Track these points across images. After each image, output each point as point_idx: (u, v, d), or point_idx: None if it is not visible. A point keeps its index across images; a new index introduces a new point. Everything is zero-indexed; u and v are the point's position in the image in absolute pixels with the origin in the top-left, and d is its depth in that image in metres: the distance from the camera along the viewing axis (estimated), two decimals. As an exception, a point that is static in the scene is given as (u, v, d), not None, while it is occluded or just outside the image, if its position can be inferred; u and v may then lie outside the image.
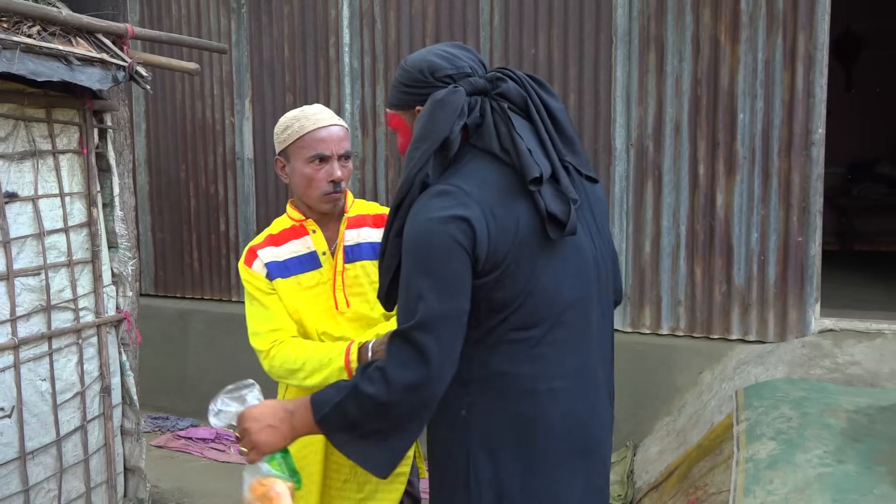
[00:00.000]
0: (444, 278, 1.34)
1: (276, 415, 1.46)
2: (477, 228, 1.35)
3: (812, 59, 3.37)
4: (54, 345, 2.49)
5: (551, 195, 1.39)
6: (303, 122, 1.85)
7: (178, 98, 4.93)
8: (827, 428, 2.69)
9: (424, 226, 1.36)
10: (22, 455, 2.37)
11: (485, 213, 1.36)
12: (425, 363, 1.32)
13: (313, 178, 1.84)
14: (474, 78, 1.48)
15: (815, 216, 3.43)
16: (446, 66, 1.48)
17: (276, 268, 1.89)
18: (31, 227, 2.43)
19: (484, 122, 1.44)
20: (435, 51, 1.51)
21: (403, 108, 1.53)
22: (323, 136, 1.84)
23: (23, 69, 2.19)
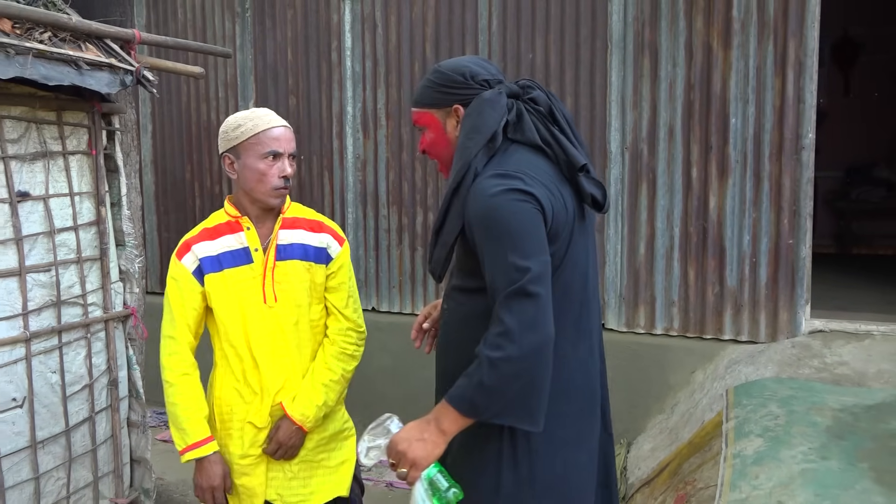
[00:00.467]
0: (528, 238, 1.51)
1: (420, 429, 1.56)
2: (544, 204, 1.55)
3: (802, 66, 3.44)
4: (64, 338, 2.58)
5: (589, 181, 1.67)
6: (256, 121, 1.99)
7: (184, 100, 5.03)
8: (813, 426, 2.76)
9: (496, 200, 1.54)
10: (33, 444, 2.46)
11: (546, 193, 1.57)
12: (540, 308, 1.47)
13: (266, 174, 1.98)
14: (509, 84, 1.73)
15: (806, 219, 3.51)
16: (483, 73, 1.71)
17: (209, 262, 2.03)
18: (43, 225, 2.52)
19: (522, 120, 1.67)
20: (470, 59, 1.76)
21: (438, 106, 1.73)
22: (276, 134, 1.99)
23: (35, 74, 2.28)
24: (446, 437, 1.55)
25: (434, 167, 4.28)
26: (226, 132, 2.02)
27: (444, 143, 1.75)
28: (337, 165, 4.57)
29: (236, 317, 2.03)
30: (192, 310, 2.05)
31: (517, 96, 1.70)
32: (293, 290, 2.06)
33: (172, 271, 2.06)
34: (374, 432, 1.64)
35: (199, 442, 2.03)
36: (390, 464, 1.60)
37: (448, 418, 1.54)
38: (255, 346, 2.04)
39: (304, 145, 4.65)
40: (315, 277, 2.10)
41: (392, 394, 4.28)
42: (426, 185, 4.33)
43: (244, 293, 2.03)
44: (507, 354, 1.46)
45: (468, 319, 1.68)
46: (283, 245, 2.06)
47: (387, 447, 1.59)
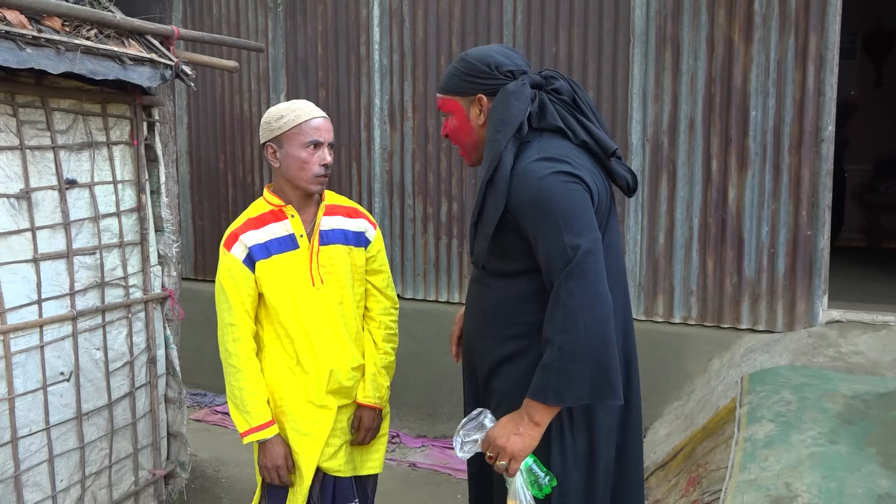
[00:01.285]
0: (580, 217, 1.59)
1: (515, 423, 1.64)
2: (590, 186, 1.64)
3: (823, 59, 3.48)
4: (107, 318, 2.75)
5: (620, 166, 1.76)
6: (298, 112, 2.10)
7: (218, 93, 5.20)
8: (824, 412, 2.82)
9: (546, 182, 1.61)
10: (78, 415, 2.63)
11: (589, 175, 1.66)
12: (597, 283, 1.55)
13: (308, 161, 2.10)
14: (532, 74, 1.77)
15: (824, 211, 3.55)
16: (507, 63, 1.76)
17: (259, 250, 2.12)
18: (88, 210, 2.68)
19: (545, 109, 1.72)
20: (495, 49, 1.80)
21: (462, 94, 1.80)
22: (317, 125, 2.12)
23: (83, 69, 2.44)
24: (540, 429, 1.63)
25: (458, 157, 4.39)
26: (268, 122, 2.11)
27: (466, 130, 1.82)
28: (364, 156, 4.70)
29: (287, 300, 2.12)
30: (247, 296, 2.12)
31: (540, 87, 1.75)
32: (337, 272, 2.18)
33: (224, 262, 2.13)
34: (468, 427, 1.71)
35: (263, 424, 2.11)
36: (488, 457, 1.68)
37: (538, 411, 1.61)
38: (307, 325, 2.14)
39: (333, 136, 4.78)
40: (355, 260, 2.23)
41: (416, 379, 4.42)
42: (451, 176, 4.44)
43: (293, 277, 2.13)
44: (576, 335, 1.53)
45: (506, 302, 1.75)
46: (325, 231, 2.18)
47: (483, 441, 1.67)
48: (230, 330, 2.13)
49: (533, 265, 1.67)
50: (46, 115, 2.51)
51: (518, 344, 1.74)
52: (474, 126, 1.80)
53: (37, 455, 2.49)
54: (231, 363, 2.12)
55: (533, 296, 1.69)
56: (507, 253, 1.73)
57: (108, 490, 2.77)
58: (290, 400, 2.18)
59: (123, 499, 2.83)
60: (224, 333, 2.14)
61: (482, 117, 1.78)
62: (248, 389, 2.11)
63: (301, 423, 2.18)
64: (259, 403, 2.12)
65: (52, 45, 2.36)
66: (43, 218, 2.50)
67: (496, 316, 1.78)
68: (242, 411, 2.11)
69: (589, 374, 1.55)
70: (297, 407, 2.17)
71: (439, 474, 3.83)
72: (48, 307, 2.52)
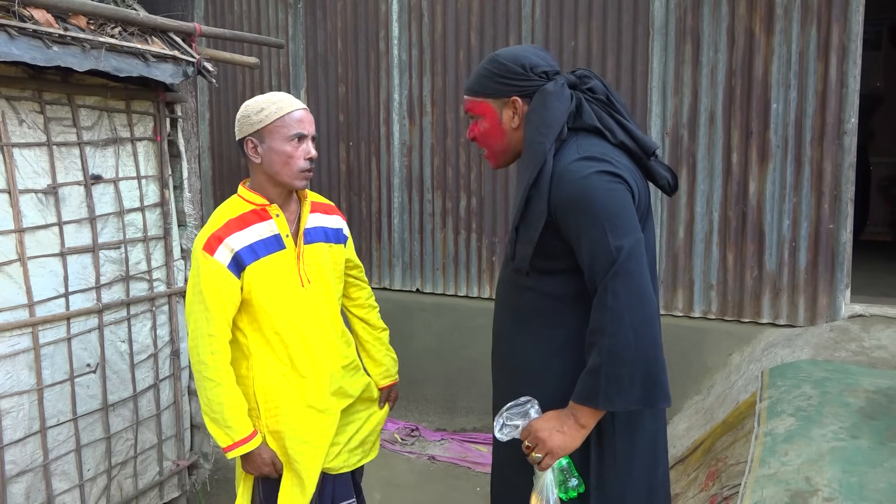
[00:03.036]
0: (623, 217, 1.56)
1: (560, 421, 1.61)
2: (631, 186, 1.61)
3: (846, 50, 3.44)
4: (132, 311, 2.80)
5: (660, 166, 1.73)
6: (279, 104, 1.96)
7: (239, 89, 5.25)
8: (845, 406, 2.80)
9: (589, 182, 1.57)
10: (105, 406, 2.69)
11: (630, 176, 1.63)
12: (641, 284, 1.52)
13: (292, 156, 1.96)
14: (567, 75, 1.72)
15: (847, 204, 3.51)
16: (542, 64, 1.71)
17: (246, 253, 1.96)
18: (113, 205, 2.73)
19: (582, 109, 1.68)
20: (528, 49, 1.74)
21: (495, 96, 1.73)
22: (300, 116, 1.98)
23: (108, 66, 2.48)
24: (585, 432, 1.60)
25: (477, 152, 4.40)
26: (247, 116, 1.98)
27: (498, 133, 1.75)
28: (384, 151, 4.72)
29: (279, 303, 2.01)
30: (230, 304, 1.96)
31: (575, 86, 1.71)
32: (321, 271, 2.12)
33: (206, 268, 1.94)
34: (512, 412, 1.69)
35: (246, 438, 1.98)
36: (525, 446, 1.66)
37: (584, 414, 1.58)
38: (300, 328, 2.04)
39: (352, 131, 4.82)
40: (335, 257, 2.18)
41: (435, 372, 4.44)
42: (469, 171, 4.45)
43: (282, 279, 2.02)
44: (624, 338, 1.49)
45: (543, 303, 1.70)
46: (308, 229, 2.10)
47: (525, 429, 1.65)
48: (209, 341, 1.95)
49: (570, 265, 1.63)
50: (72, 111, 2.57)
51: (551, 346, 1.70)
52: (507, 129, 1.74)
53: (65, 445, 2.55)
54: (208, 376, 1.94)
55: (569, 296, 1.66)
56: (543, 252, 1.68)
57: (134, 480, 2.83)
58: (287, 407, 2.06)
59: (148, 488, 2.89)
60: (199, 345, 1.95)
61: (516, 120, 1.72)
62: (229, 404, 1.95)
63: (301, 430, 2.06)
64: (241, 417, 1.98)
65: (77, 43, 2.41)
66: (70, 213, 2.56)
67: (530, 315, 1.74)
68: (223, 426, 1.96)
69: (640, 377, 1.52)
70: (295, 414, 2.06)
71: (458, 468, 3.85)
72: (75, 300, 2.57)
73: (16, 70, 2.36)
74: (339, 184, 4.91)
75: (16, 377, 2.38)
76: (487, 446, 4.02)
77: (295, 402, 2.06)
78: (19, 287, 2.39)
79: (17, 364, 2.38)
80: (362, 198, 4.82)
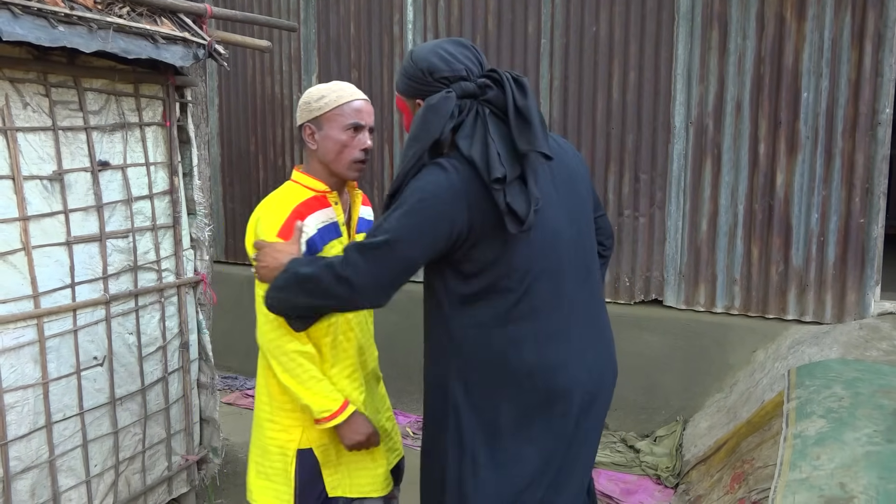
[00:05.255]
0: (409, 219, 1.62)
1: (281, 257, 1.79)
2: (449, 209, 1.59)
3: (882, 38, 3.30)
4: (140, 302, 2.71)
5: (517, 193, 1.57)
6: (339, 92, 1.96)
7: (249, 74, 5.14)
8: (879, 408, 2.69)
9: (411, 186, 1.62)
10: (112, 400, 2.60)
11: (460, 205, 1.59)
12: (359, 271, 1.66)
13: (347, 145, 1.95)
14: (466, 83, 1.64)
15: (879, 198, 3.39)
16: (444, 69, 1.65)
17: (316, 240, 1.96)
18: (121, 193, 2.64)
19: (464, 125, 1.61)
20: (438, 50, 1.68)
21: (406, 95, 1.75)
22: (358, 106, 1.97)
23: (115, 48, 2.38)
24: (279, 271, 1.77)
25: (493, 141, 4.29)
26: (308, 103, 1.98)
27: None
28: (397, 138, 4.61)
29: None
30: None
31: (474, 96, 1.63)
32: None
33: None
34: None
35: (342, 406, 1.93)
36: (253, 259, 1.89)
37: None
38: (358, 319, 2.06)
39: (365, 119, 4.71)
40: None
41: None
42: (485, 159, 4.34)
43: None
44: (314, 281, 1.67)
45: None
46: (361, 218, 2.13)
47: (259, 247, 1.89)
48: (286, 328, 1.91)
49: None
50: (79, 95, 2.47)
51: None
52: None
53: (71, 440, 2.47)
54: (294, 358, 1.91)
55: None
56: None
57: (142, 475, 2.75)
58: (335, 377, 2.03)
59: (156, 484, 2.82)
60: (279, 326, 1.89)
61: None
62: (319, 376, 1.93)
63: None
64: (329, 387, 1.94)
65: (84, 23, 2.31)
66: (76, 200, 2.46)
67: None
68: (321, 396, 1.91)
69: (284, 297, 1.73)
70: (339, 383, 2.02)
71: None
72: (81, 291, 2.48)
73: (20, 51, 2.26)
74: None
75: (20, 371, 2.30)
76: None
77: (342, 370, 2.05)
78: (24, 277, 2.30)
79: (21, 357, 2.30)
80: (374, 186, 4.71)
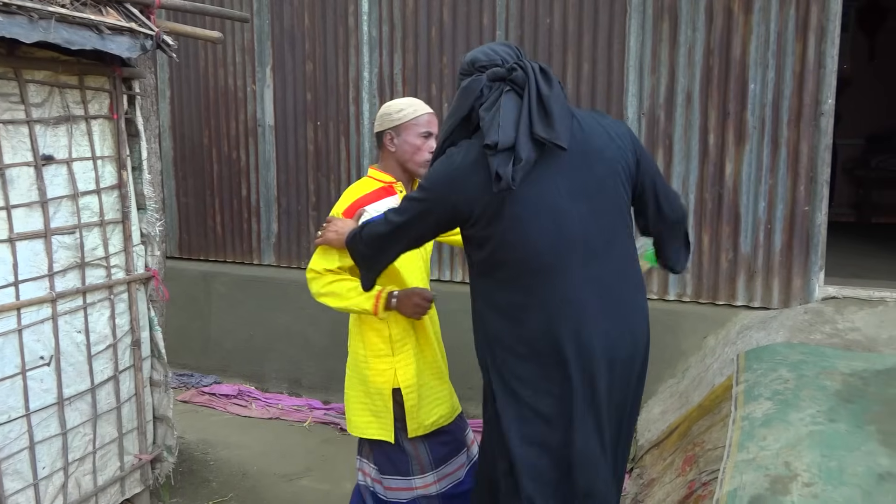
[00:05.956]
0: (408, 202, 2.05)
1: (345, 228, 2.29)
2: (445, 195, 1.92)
3: (824, 30, 3.40)
4: (88, 299, 2.66)
5: (502, 160, 1.79)
6: (416, 107, 2.48)
7: (202, 65, 5.05)
8: (822, 389, 2.78)
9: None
10: (60, 401, 2.55)
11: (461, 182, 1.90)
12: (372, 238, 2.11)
13: (420, 148, 2.46)
14: (497, 68, 1.92)
15: (822, 186, 3.49)
16: (483, 59, 1.96)
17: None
18: (67, 188, 2.57)
19: (487, 101, 1.88)
20: (484, 48, 2.01)
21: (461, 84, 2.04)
22: (429, 119, 2.49)
23: (58, 38, 2.32)
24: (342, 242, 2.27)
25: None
26: (389, 114, 2.48)
27: None
28: (353, 131, 4.59)
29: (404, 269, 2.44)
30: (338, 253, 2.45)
31: (503, 79, 1.89)
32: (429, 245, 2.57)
33: None
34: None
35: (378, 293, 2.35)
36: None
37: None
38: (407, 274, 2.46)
39: (320, 111, 4.67)
40: None
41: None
42: (442, 151, 4.34)
43: None
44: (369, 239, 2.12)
45: None
46: None
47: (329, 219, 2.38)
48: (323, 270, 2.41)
49: None
50: (20, 87, 2.40)
51: None
52: None
53: (17, 442, 2.41)
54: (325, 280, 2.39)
55: None
56: None
57: (93, 476, 2.70)
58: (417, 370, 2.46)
59: (108, 484, 2.77)
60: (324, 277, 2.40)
61: None
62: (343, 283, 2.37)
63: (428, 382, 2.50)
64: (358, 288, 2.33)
65: (24, 12, 2.24)
66: (18, 196, 2.40)
67: None
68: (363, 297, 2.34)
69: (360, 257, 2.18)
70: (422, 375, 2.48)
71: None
72: (26, 289, 2.42)
73: (-45, 41, 2.19)
74: (307, 164, 4.76)
75: (-38, 371, 2.23)
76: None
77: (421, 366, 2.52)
78: (-36, 275, 2.23)
79: (-37, 357, 2.24)
80: (331, 179, 4.68)
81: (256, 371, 4.90)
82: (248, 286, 4.93)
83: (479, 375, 2.11)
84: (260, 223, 4.98)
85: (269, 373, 4.87)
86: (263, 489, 3.44)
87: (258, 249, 5.00)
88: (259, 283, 4.90)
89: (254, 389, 4.79)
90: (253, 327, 4.91)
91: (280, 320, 4.81)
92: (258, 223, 4.98)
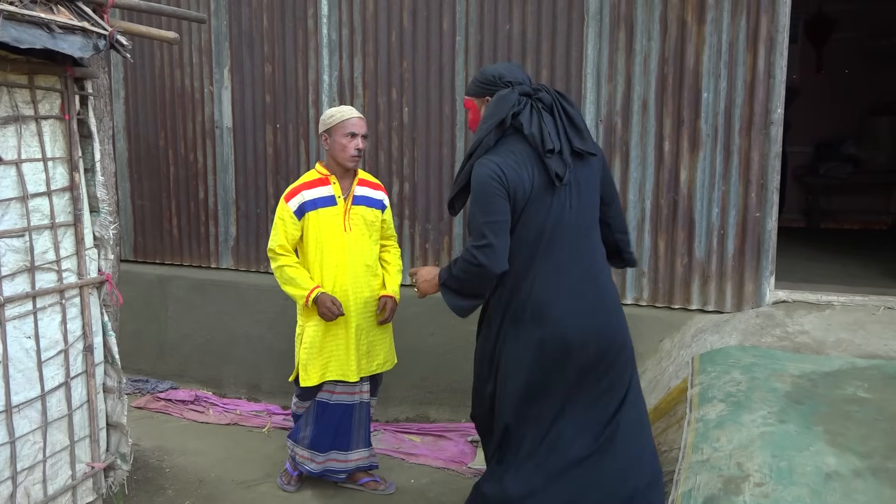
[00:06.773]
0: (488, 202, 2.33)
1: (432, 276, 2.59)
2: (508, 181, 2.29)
3: (774, 42, 3.50)
4: (38, 304, 2.58)
5: (557, 162, 2.31)
6: (344, 112, 3.16)
7: (157, 66, 4.96)
8: (773, 391, 2.86)
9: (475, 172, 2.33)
10: (8, 408, 2.47)
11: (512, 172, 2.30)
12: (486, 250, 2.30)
13: (346, 146, 3.15)
14: (523, 86, 2.40)
15: (773, 193, 3.59)
16: (508, 76, 2.42)
17: (309, 204, 3.18)
18: (15, 190, 2.50)
19: (523, 112, 2.33)
20: (505, 65, 2.49)
21: (477, 96, 2.50)
22: (355, 121, 3.16)
23: (6, 36, 2.25)
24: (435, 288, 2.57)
25: (410, 137, 4.31)
26: (324, 119, 3.19)
27: (478, 121, 2.49)
28: (312, 134, 4.56)
29: (326, 239, 3.18)
30: (292, 234, 3.20)
31: (529, 95, 2.37)
32: (359, 224, 3.24)
33: (281, 209, 3.19)
34: None
35: (312, 289, 3.14)
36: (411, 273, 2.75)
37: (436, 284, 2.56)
38: (337, 258, 3.19)
39: (279, 113, 4.63)
40: (371, 217, 3.29)
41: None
42: (402, 155, 4.35)
43: (330, 224, 3.18)
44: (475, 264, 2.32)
45: None
46: (357, 196, 3.24)
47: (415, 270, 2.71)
48: (279, 248, 3.20)
49: None
50: (-34, 86, 2.32)
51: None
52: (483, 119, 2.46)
53: (-38, 452, 2.33)
54: (281, 263, 3.19)
55: None
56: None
57: (43, 485, 2.63)
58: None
59: (59, 494, 2.69)
60: (275, 251, 3.21)
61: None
62: (292, 270, 3.17)
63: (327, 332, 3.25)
64: (304, 278, 3.17)
65: (-30, 9, 2.17)
66: (-36, 198, 2.32)
67: None
68: (299, 287, 3.15)
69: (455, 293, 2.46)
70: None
71: (392, 459, 3.78)
72: (-28, 294, 2.34)
73: None
74: (266, 167, 4.71)
75: None
76: (421, 436, 3.96)
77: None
78: None
79: None
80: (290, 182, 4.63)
81: (214, 376, 4.83)
82: (205, 290, 4.85)
83: (437, 378, 2.12)
84: (218, 226, 4.91)
85: (228, 378, 4.80)
86: (221, 496, 3.39)
87: (216, 253, 4.93)
88: (217, 286, 4.82)
89: (211, 395, 4.71)
90: (211, 332, 4.84)
91: (238, 324, 4.74)
92: (216, 226, 4.91)
